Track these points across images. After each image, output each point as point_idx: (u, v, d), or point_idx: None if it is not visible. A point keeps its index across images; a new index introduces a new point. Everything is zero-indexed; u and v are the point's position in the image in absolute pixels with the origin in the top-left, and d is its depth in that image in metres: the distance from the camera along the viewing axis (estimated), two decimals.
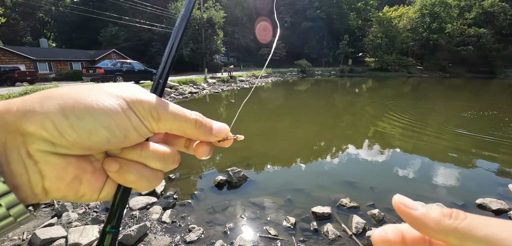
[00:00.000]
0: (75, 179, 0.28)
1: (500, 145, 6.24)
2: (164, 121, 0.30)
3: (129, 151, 0.30)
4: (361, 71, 45.34)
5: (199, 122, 0.33)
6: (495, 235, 0.20)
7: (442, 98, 15.88)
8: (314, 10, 51.44)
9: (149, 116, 0.29)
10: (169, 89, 14.68)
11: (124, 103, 0.28)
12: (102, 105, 0.27)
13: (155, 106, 0.30)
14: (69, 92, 0.27)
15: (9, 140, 0.24)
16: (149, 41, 38.56)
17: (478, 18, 48.32)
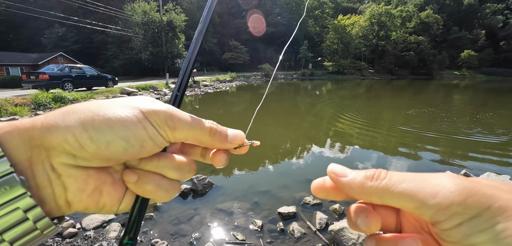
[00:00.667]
0: (95, 191, 0.29)
1: (439, 138, 7.12)
2: (179, 130, 0.31)
3: (146, 162, 0.31)
4: (321, 75, 47.96)
5: (213, 130, 0.33)
6: (409, 189, 0.23)
7: (391, 98, 17.59)
8: (275, 16, 53.08)
9: (164, 125, 0.30)
10: (127, 95, 13.74)
11: (140, 114, 0.29)
12: (119, 116, 0.28)
13: (171, 116, 0.30)
14: (89, 106, 0.28)
15: (34, 154, 0.25)
16: (103, 43, 35.75)
17: (417, 27, 54.94)
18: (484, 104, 14.43)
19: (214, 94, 18.92)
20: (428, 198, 0.22)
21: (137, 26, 30.42)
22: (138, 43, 30.95)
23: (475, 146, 6.38)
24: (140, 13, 29.73)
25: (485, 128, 8.30)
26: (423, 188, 0.23)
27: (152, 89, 17.25)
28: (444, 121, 9.23)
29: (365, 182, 0.26)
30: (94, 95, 13.00)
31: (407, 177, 0.24)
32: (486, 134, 7.54)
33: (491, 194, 0.21)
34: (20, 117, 8.35)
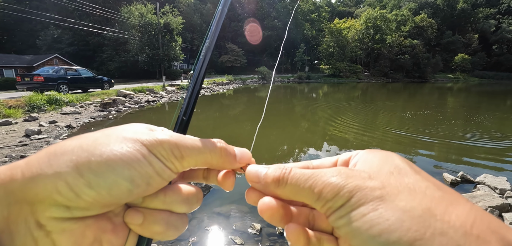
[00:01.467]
0: (94, 243, 0.25)
1: (434, 139, 7.19)
2: (188, 158, 0.28)
3: (152, 199, 0.28)
4: (317, 78, 48.26)
5: (224, 150, 0.31)
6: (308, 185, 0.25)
7: (387, 100, 17.76)
8: (272, 19, 53.35)
9: (171, 156, 0.27)
10: (123, 97, 13.65)
11: (143, 148, 0.26)
12: (120, 154, 0.25)
13: (176, 144, 0.28)
14: (80, 144, 0.25)
15: (13, 212, 0.22)
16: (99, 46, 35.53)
17: (412, 31, 55.70)
18: (479, 107, 14.65)
19: (211, 97, 18.90)
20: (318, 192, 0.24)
21: (134, 29, 30.28)
22: (135, 46, 30.79)
23: (472, 149, 6.46)
24: (137, 16, 29.63)
25: (482, 130, 8.42)
26: (316, 183, 0.24)
27: (149, 91, 17.16)
28: (440, 124, 9.33)
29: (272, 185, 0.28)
30: (89, 97, 12.89)
31: (311, 174, 0.25)
32: (483, 137, 7.65)
33: (353, 187, 0.23)
34: (14, 119, 8.24)
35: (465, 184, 4.42)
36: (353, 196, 0.22)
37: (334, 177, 0.24)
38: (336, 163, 0.32)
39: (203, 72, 0.33)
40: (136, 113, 11.56)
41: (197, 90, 0.33)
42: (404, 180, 0.23)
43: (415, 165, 0.24)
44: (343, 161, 0.31)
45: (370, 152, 0.28)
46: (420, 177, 0.23)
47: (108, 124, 9.15)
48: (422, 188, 0.22)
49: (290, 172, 0.27)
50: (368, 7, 65.60)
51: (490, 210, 3.26)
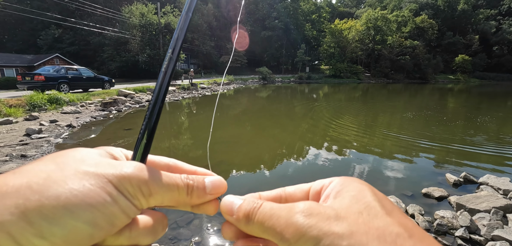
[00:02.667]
0: None
1: (435, 140, 7.17)
2: (156, 196, 0.26)
3: (116, 237, 0.24)
4: (318, 78, 48.23)
5: (190, 186, 0.28)
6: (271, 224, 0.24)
7: (387, 101, 17.72)
8: (272, 20, 53.36)
9: (138, 193, 0.25)
10: (124, 97, 13.64)
11: (109, 186, 0.23)
12: (82, 194, 0.21)
13: (145, 181, 0.25)
14: (28, 182, 0.20)
15: None
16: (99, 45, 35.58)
17: (412, 32, 55.66)
18: (479, 108, 14.61)
19: (212, 97, 18.89)
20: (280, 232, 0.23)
21: (135, 29, 30.29)
22: (136, 46, 30.81)
23: (474, 150, 6.43)
24: (138, 16, 29.64)
25: (483, 131, 8.39)
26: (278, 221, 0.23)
27: (149, 91, 17.15)
28: (441, 125, 9.30)
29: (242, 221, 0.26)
30: (90, 97, 12.88)
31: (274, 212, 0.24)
32: (485, 137, 7.63)
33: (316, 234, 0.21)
34: (14, 118, 8.23)
35: (468, 184, 4.39)
36: (318, 244, 0.21)
37: (298, 216, 0.23)
38: (309, 192, 0.30)
39: (165, 86, 0.29)
40: (137, 112, 11.55)
41: (158, 107, 0.29)
42: (374, 223, 0.22)
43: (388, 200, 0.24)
44: (315, 192, 0.30)
45: (343, 183, 0.27)
46: (391, 220, 0.22)
47: (107, 123, 9.14)
48: (393, 236, 0.20)
49: (259, 207, 0.26)
50: (369, 7, 65.56)
51: (494, 211, 3.23)
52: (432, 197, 3.90)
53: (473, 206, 3.41)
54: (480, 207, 3.37)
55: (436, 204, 3.76)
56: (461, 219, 3.10)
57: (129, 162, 0.26)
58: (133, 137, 7.20)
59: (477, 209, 3.35)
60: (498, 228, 2.87)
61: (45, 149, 5.82)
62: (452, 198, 3.76)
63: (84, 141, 6.71)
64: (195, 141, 7.37)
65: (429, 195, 3.94)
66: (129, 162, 0.27)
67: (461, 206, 3.47)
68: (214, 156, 5.84)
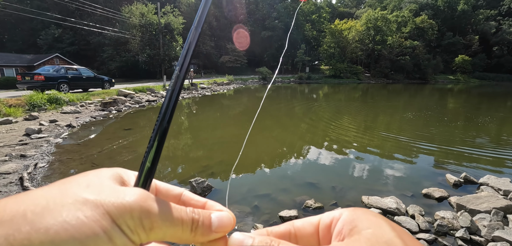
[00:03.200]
0: None
1: (435, 141, 7.16)
2: (157, 230, 0.23)
3: None
4: (318, 78, 48.21)
5: (195, 221, 0.26)
6: None
7: (387, 101, 17.72)
8: (273, 20, 53.34)
9: (139, 227, 0.22)
10: (123, 97, 13.62)
11: (105, 218, 0.20)
12: (73, 228, 0.19)
13: (148, 213, 0.23)
14: (25, 209, 0.19)
15: None
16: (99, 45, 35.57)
17: (412, 32, 55.67)
18: (479, 108, 14.61)
19: (212, 97, 18.88)
20: None
21: (135, 29, 30.30)
22: (136, 46, 30.81)
23: (473, 150, 6.43)
24: (138, 16, 29.64)
25: (483, 131, 8.39)
26: None
27: (149, 91, 17.15)
28: (441, 125, 9.30)
29: None
30: (90, 97, 12.87)
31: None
32: (485, 138, 7.62)
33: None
34: (14, 118, 8.21)
35: (468, 185, 4.38)
36: None
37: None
38: (318, 226, 0.29)
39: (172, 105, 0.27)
40: (137, 112, 11.54)
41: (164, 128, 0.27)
42: None
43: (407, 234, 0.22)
44: (325, 226, 0.28)
45: (356, 218, 0.25)
46: None
47: (107, 123, 9.12)
48: None
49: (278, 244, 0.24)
50: (369, 8, 65.59)
51: (494, 211, 3.23)
52: (432, 198, 3.89)
53: (473, 206, 3.40)
54: (481, 207, 3.37)
55: (437, 204, 3.75)
56: (462, 220, 3.09)
57: (133, 189, 0.24)
58: (133, 137, 7.19)
59: (477, 210, 3.34)
60: (498, 229, 2.86)
61: (44, 149, 5.81)
62: (452, 198, 3.75)
63: (84, 141, 6.70)
64: (195, 141, 7.37)
65: (429, 195, 3.94)
66: (133, 189, 0.24)
67: (462, 207, 3.46)
68: (213, 156, 5.84)
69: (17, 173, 4.42)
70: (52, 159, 5.31)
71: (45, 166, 4.88)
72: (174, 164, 5.39)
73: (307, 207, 3.56)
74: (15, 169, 4.55)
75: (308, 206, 3.57)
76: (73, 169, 4.92)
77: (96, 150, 5.95)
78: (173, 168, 5.19)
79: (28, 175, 4.37)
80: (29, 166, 4.72)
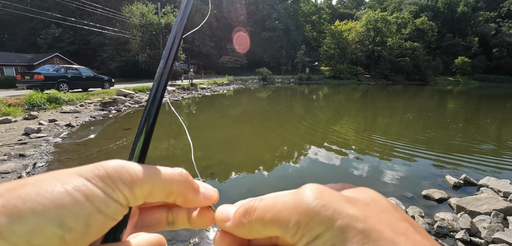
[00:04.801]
0: None
1: (435, 143, 7.15)
2: (141, 184, 0.23)
3: None
4: (318, 79, 48.22)
5: (185, 175, 0.27)
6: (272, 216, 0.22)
7: (387, 102, 17.72)
8: (273, 20, 53.36)
9: (118, 183, 0.22)
10: (123, 97, 13.61)
11: (78, 179, 0.21)
12: (49, 193, 0.19)
13: (125, 167, 0.23)
14: (15, 183, 0.20)
15: None
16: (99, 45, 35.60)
17: (412, 34, 55.71)
18: (479, 109, 14.62)
19: (212, 97, 18.87)
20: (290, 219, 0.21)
21: (135, 28, 30.30)
22: (136, 45, 30.81)
23: (473, 152, 6.42)
24: (138, 16, 29.64)
25: (483, 132, 8.39)
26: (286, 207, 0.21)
27: (149, 91, 17.12)
28: (441, 126, 9.30)
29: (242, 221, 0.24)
30: (89, 96, 12.86)
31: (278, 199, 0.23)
32: (485, 139, 7.62)
33: (331, 213, 0.19)
34: (13, 118, 8.20)
35: (468, 186, 4.38)
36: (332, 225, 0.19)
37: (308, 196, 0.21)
38: None
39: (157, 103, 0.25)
40: (136, 112, 11.52)
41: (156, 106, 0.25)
42: (382, 215, 0.20)
43: None
44: None
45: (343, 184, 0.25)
46: (398, 214, 0.21)
47: (107, 123, 9.11)
48: (402, 228, 0.19)
49: (260, 200, 0.24)
50: (369, 9, 65.67)
51: (494, 213, 3.22)
52: (432, 199, 3.88)
53: (473, 208, 3.39)
54: (481, 209, 3.36)
55: (436, 206, 3.74)
56: (462, 221, 3.08)
57: (114, 160, 0.24)
58: (133, 137, 7.16)
59: (477, 211, 3.33)
60: (498, 231, 2.85)
61: (43, 148, 5.80)
62: (452, 200, 3.74)
63: (83, 141, 6.69)
64: (194, 141, 7.35)
65: (429, 196, 3.93)
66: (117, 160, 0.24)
67: (462, 208, 3.45)
68: (213, 156, 5.82)
69: (16, 173, 4.40)
70: (51, 158, 5.30)
71: (44, 166, 4.86)
72: (173, 164, 5.38)
73: None
74: (13, 168, 4.54)
75: None
76: None
77: (95, 150, 5.93)
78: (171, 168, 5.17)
79: (26, 175, 4.36)
80: (28, 166, 4.71)
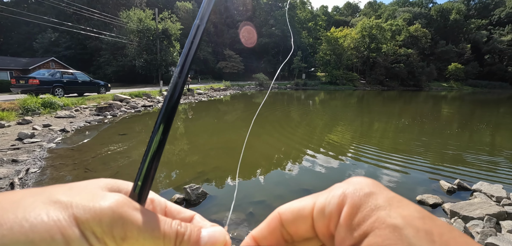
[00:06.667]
0: None
1: (430, 148, 7.23)
2: (132, 241, 0.20)
3: None
4: (314, 85, 48.54)
5: (180, 235, 0.22)
6: None
7: (383, 107, 17.89)
8: (269, 27, 53.81)
9: (108, 237, 0.19)
10: (119, 102, 13.54)
11: (69, 221, 0.18)
12: (29, 226, 0.17)
13: (122, 220, 0.20)
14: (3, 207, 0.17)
15: None
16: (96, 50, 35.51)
17: (406, 40, 56.62)
18: (473, 114, 14.84)
19: (208, 103, 18.86)
20: None
21: (132, 34, 30.30)
22: (133, 51, 30.77)
23: (467, 157, 6.50)
24: (136, 21, 29.66)
25: (477, 138, 8.50)
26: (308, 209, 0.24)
27: (146, 96, 17.07)
28: (435, 132, 9.40)
29: None
30: (85, 101, 12.77)
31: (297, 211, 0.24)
32: (478, 145, 7.72)
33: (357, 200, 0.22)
34: (6, 122, 8.10)
35: (462, 191, 4.42)
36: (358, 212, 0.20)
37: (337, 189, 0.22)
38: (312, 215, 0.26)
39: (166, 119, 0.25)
40: (132, 117, 11.46)
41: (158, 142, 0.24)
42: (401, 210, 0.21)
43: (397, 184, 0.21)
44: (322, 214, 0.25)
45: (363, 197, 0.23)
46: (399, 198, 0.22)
47: (102, 128, 9.05)
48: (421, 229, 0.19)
49: None
50: (364, 16, 66.67)
51: (487, 218, 3.26)
52: (426, 204, 3.91)
53: (466, 213, 3.43)
54: (474, 214, 3.40)
55: (431, 211, 3.77)
56: (455, 226, 3.11)
57: (115, 195, 0.21)
58: (128, 142, 7.13)
59: (470, 216, 3.37)
60: (491, 235, 2.88)
61: (37, 154, 5.73)
62: (446, 205, 3.78)
63: (78, 146, 6.62)
64: (191, 146, 7.33)
65: (423, 202, 3.96)
66: (115, 194, 0.21)
67: (455, 213, 3.49)
68: (209, 162, 5.81)
69: (8, 179, 4.34)
70: (44, 164, 5.23)
71: (37, 172, 4.80)
72: (169, 170, 5.35)
73: None
74: (6, 174, 4.47)
75: None
76: (66, 174, 4.85)
77: (90, 155, 5.88)
78: (167, 174, 5.14)
79: (19, 181, 4.29)
80: (20, 171, 4.64)
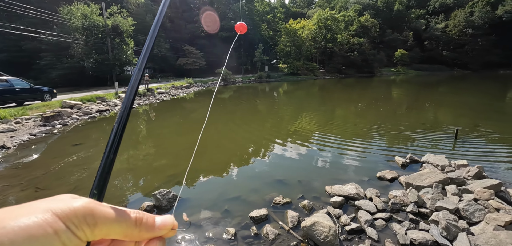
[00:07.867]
0: None
1: (384, 129, 7.95)
2: (101, 225, 0.27)
3: None
4: (277, 77, 49.54)
5: (139, 220, 0.31)
6: None
7: (341, 94, 19.07)
8: (229, 20, 53.14)
9: (83, 224, 0.26)
10: (69, 109, 12.22)
11: (54, 218, 0.24)
12: (25, 226, 0.22)
13: (91, 211, 0.27)
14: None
15: None
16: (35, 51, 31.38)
17: (358, 30, 60.84)
18: (418, 95, 16.65)
19: (171, 102, 18.08)
20: None
21: (77, 31, 27.35)
22: (79, 50, 27.82)
23: (416, 133, 7.29)
24: (80, 17, 26.82)
25: (423, 115, 9.56)
26: None
27: (100, 100, 15.69)
28: (390, 115, 10.35)
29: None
30: (26, 111, 11.27)
31: None
32: (423, 121, 8.69)
33: None
34: None
35: (414, 164, 4.97)
36: None
37: None
38: None
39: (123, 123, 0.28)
40: (87, 125, 10.48)
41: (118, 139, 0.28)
42: None
43: None
44: None
45: None
46: None
47: (51, 140, 8.11)
48: None
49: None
50: (319, 8, 69.72)
51: (435, 185, 3.72)
52: (385, 179, 4.32)
53: (418, 183, 3.87)
54: (424, 183, 3.84)
55: (389, 185, 4.17)
56: (410, 196, 3.49)
57: (82, 198, 0.28)
58: (84, 152, 6.51)
59: (422, 186, 3.81)
60: (439, 200, 3.30)
61: None
62: (401, 178, 4.21)
63: (24, 163, 5.84)
64: (157, 149, 6.98)
65: (383, 177, 4.36)
66: (82, 198, 0.28)
67: (409, 184, 3.91)
68: (179, 164, 5.62)
69: None
70: None
71: None
72: (136, 176, 5.04)
73: (276, 204, 3.65)
74: None
75: (276, 203, 3.66)
76: (13, 196, 4.26)
77: (40, 172, 5.24)
78: (134, 181, 4.84)
79: None
80: None
